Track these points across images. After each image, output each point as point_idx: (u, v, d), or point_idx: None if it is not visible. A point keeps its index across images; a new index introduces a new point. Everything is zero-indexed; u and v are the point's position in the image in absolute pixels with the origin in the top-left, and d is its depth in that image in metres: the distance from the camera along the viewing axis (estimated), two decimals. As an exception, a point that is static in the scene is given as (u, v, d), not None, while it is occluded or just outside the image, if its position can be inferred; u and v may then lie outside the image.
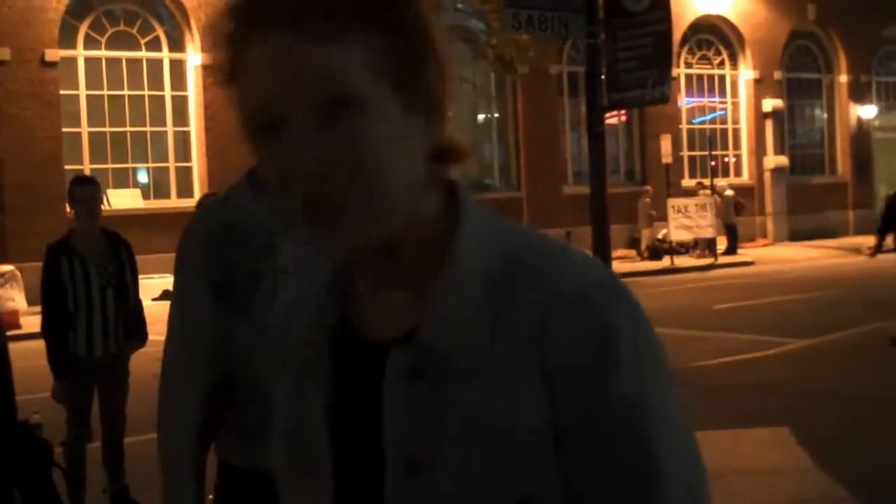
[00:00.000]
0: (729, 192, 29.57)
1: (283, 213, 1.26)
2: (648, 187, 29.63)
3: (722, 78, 34.56)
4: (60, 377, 7.25)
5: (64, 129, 23.10)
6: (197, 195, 22.53)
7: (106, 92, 24.14)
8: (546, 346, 1.21)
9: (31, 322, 18.30)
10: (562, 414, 1.21)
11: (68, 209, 7.80)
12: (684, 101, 33.18)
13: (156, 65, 24.83)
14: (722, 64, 34.52)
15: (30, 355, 11.34)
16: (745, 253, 29.63)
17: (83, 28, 23.90)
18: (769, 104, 34.19)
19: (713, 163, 30.68)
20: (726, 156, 34.36)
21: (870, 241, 31.39)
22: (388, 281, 1.31)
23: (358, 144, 1.18)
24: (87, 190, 7.47)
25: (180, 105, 24.97)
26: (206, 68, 24.52)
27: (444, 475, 1.22)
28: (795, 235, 32.97)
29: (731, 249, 29.09)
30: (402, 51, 1.22)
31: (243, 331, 3.09)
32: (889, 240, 14.67)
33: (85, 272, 7.26)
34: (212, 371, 3.16)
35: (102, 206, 7.64)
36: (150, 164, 24.98)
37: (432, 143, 1.27)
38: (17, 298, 19.92)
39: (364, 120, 1.18)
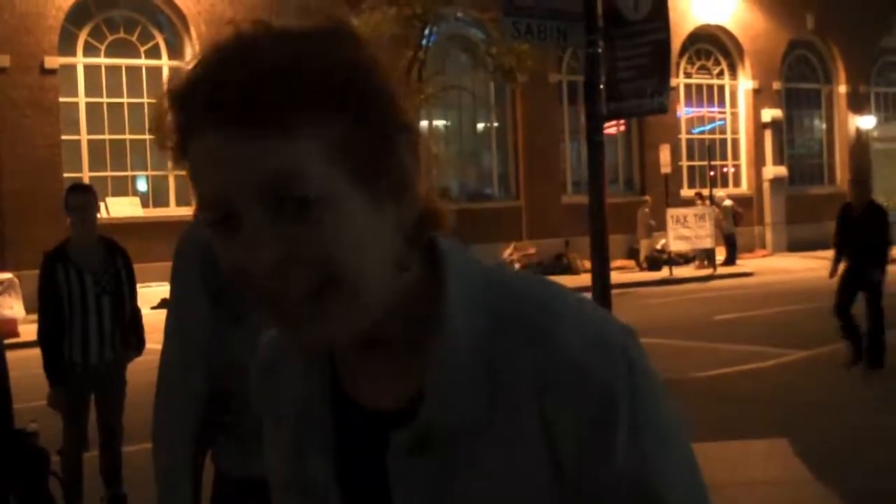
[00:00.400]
0: (727, 203, 29.56)
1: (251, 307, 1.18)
2: (647, 197, 29.64)
3: (721, 88, 34.59)
4: (56, 384, 7.24)
5: (63, 137, 23.11)
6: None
7: (105, 99, 24.15)
8: (546, 411, 1.17)
9: (30, 330, 18.27)
10: (567, 482, 1.18)
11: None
12: (683, 111, 33.21)
13: (155, 72, 24.83)
14: (721, 74, 34.56)
15: (28, 363, 11.32)
16: (744, 264, 29.62)
17: (83, 35, 23.92)
18: (768, 114, 34.23)
19: (712, 173, 30.69)
20: (725, 166, 34.38)
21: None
22: (375, 364, 1.25)
23: (318, 244, 1.10)
24: (81, 198, 7.46)
25: (179, 113, 24.95)
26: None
27: None
28: (794, 246, 32.96)
29: (730, 260, 29.08)
30: (365, 137, 1.13)
31: (240, 339, 3.09)
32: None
33: (81, 280, 7.25)
34: (208, 379, 3.15)
35: (100, 215, 7.63)
36: (150, 172, 24.97)
37: (408, 221, 1.18)
38: (15, 306, 19.90)
39: (324, 218, 1.10)
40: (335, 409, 1.30)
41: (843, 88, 36.76)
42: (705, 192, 28.99)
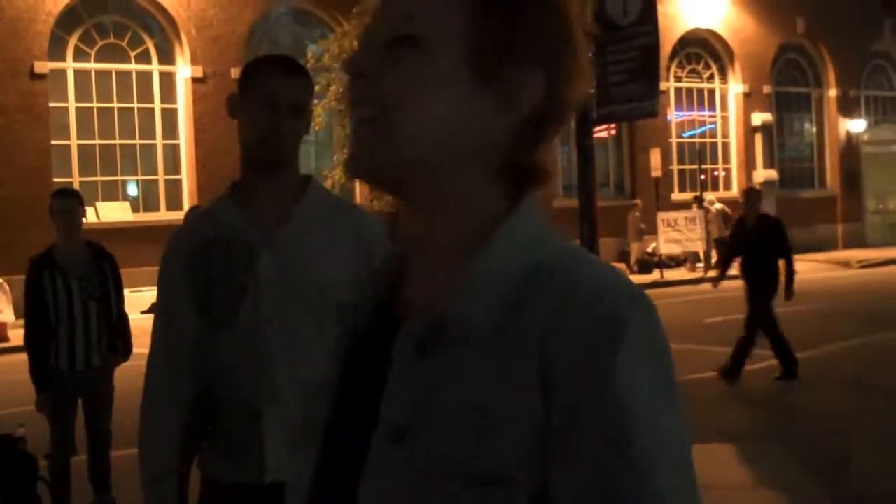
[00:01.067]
0: (718, 206, 29.60)
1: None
2: (638, 201, 29.65)
3: (711, 92, 34.63)
4: (42, 390, 7.23)
5: (53, 142, 23.05)
6: (186, 208, 22.51)
7: (95, 104, 24.10)
8: (550, 338, 1.21)
9: (19, 335, 18.24)
10: (555, 408, 1.20)
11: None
12: (674, 115, 33.24)
13: (145, 77, 24.81)
14: (711, 78, 34.60)
15: (17, 368, 11.30)
16: (735, 266, 29.57)
17: (73, 40, 23.88)
18: (758, 118, 34.27)
19: (703, 176, 30.73)
20: (716, 170, 34.42)
21: (859, 255, 31.55)
22: (430, 258, 1.35)
23: (388, 77, 1.29)
24: (65, 202, 7.45)
25: (170, 118, 24.95)
26: (195, 81, 24.54)
27: (423, 444, 1.25)
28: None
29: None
30: (501, 31, 1.29)
31: (226, 343, 3.09)
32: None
33: (66, 285, 7.24)
34: (194, 384, 3.15)
35: (90, 219, 7.62)
36: (140, 177, 24.93)
37: (502, 137, 1.31)
38: (4, 311, 19.88)
39: (412, 57, 1.28)
40: (378, 324, 1.40)
41: (833, 92, 36.82)
42: (706, 195, 28.99)
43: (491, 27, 1.29)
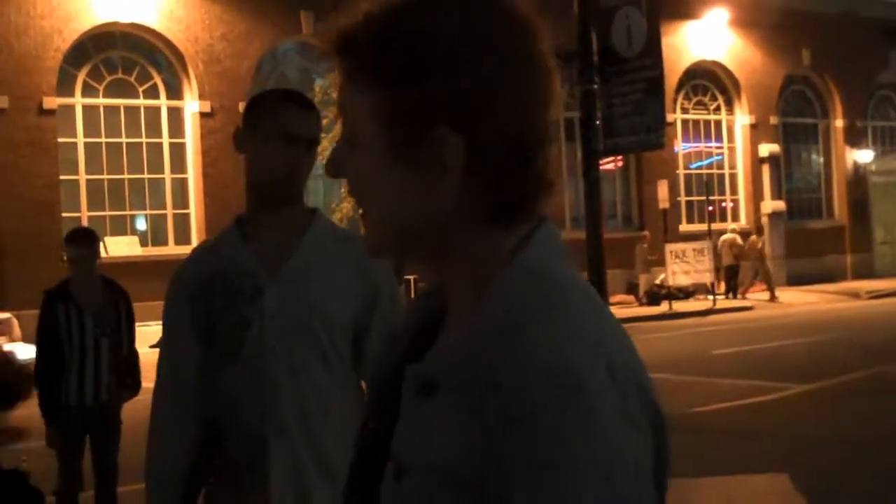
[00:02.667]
0: (727, 236, 29.61)
1: None
2: (646, 233, 29.62)
3: (718, 123, 34.67)
4: (52, 423, 7.22)
5: (61, 177, 23.13)
6: (195, 242, 22.56)
7: (104, 139, 24.20)
8: (493, 402, 1.22)
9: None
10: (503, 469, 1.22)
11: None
12: (681, 147, 33.26)
13: (154, 112, 24.92)
14: (718, 109, 34.64)
15: (24, 403, 11.29)
16: (744, 297, 29.62)
17: (81, 76, 24.00)
18: (766, 149, 34.29)
19: (710, 208, 30.73)
20: (724, 201, 34.41)
21: (868, 285, 31.47)
22: (454, 306, 1.41)
23: (349, 170, 1.40)
24: (79, 251, 7.41)
25: (178, 152, 25.03)
26: (203, 115, 24.63)
27: (416, 483, 1.31)
28: (793, 280, 32.93)
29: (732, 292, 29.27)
30: (408, 109, 1.31)
31: (230, 376, 3.09)
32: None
33: (81, 320, 7.24)
34: (199, 420, 3.14)
35: (100, 258, 7.61)
36: (148, 212, 24.99)
37: (449, 193, 1.33)
38: (13, 346, 19.84)
39: (357, 154, 1.37)
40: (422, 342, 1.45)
41: (840, 123, 36.84)
42: (726, 225, 28.95)
43: (398, 111, 1.32)
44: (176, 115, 25.09)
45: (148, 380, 7.32)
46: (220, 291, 3.09)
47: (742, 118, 34.51)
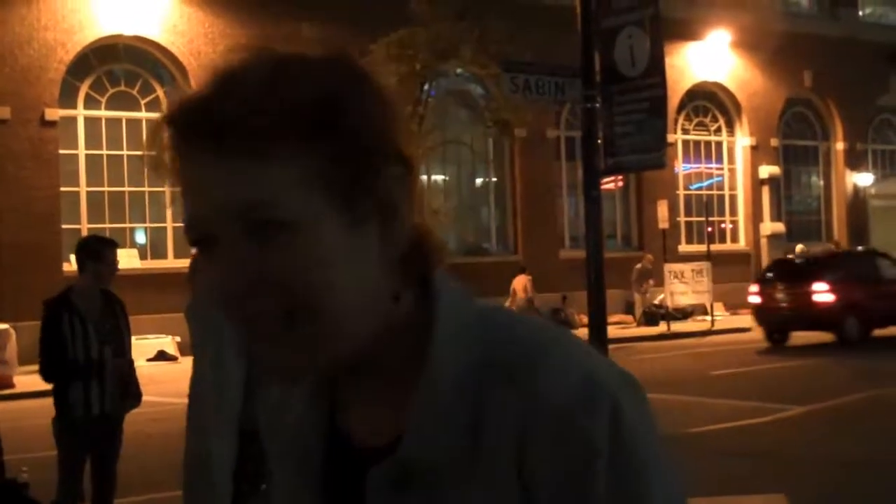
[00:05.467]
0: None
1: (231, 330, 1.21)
2: (650, 256, 29.49)
3: (719, 144, 34.73)
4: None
5: (62, 189, 23.16)
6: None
7: (105, 151, 24.23)
8: (525, 457, 1.14)
9: (25, 381, 18.23)
10: None
11: (72, 265, 7.77)
12: (681, 167, 33.32)
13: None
14: (719, 130, 34.71)
15: (22, 414, 11.30)
16: (742, 319, 29.59)
17: (84, 88, 24.06)
18: (766, 171, 34.34)
19: (710, 229, 30.77)
20: (723, 222, 34.44)
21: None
22: (365, 395, 1.25)
23: (287, 269, 1.13)
24: (114, 253, 7.46)
25: (179, 166, 25.03)
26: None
27: None
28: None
29: None
30: (345, 166, 1.15)
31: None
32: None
33: (84, 329, 7.22)
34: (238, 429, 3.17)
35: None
36: (148, 225, 25.01)
37: (395, 248, 1.19)
38: (10, 358, 19.83)
39: (297, 242, 1.12)
40: (329, 444, 1.29)
41: (840, 146, 36.91)
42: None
43: (334, 169, 1.14)
44: (177, 129, 25.10)
45: (150, 393, 7.34)
46: None
47: (742, 140, 34.57)
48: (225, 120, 1.11)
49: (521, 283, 27.32)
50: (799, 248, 31.30)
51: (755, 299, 23.58)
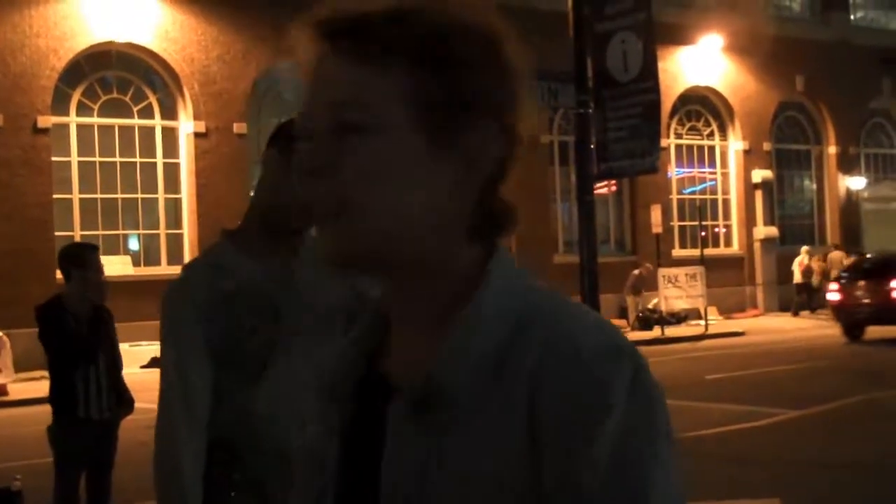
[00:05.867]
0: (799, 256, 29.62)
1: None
2: (648, 265, 29.39)
3: (711, 149, 34.76)
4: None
5: (55, 196, 23.12)
6: (187, 262, 22.53)
7: (98, 158, 24.20)
8: (536, 401, 1.21)
9: (19, 389, 18.22)
10: (545, 472, 1.20)
11: (59, 275, 7.75)
12: (674, 172, 33.34)
13: (148, 132, 24.93)
14: (711, 135, 34.74)
15: (16, 422, 11.27)
16: (736, 323, 29.65)
17: (76, 95, 24.02)
18: (758, 175, 34.37)
19: (703, 233, 30.80)
20: (717, 226, 34.47)
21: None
22: (406, 336, 1.36)
23: (356, 164, 1.26)
24: (97, 257, 7.48)
25: (172, 172, 25.03)
26: (197, 136, 24.64)
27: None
28: (785, 306, 32.98)
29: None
30: (443, 100, 1.28)
31: (258, 394, 3.12)
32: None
33: (80, 335, 7.22)
34: (205, 436, 3.15)
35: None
36: (141, 231, 24.97)
37: (468, 193, 1.32)
38: (5, 366, 19.79)
39: (372, 144, 1.26)
40: (361, 384, 1.40)
41: (833, 149, 36.95)
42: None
43: (439, 97, 1.28)
44: (170, 136, 25.10)
45: (141, 401, 7.32)
46: (241, 311, 3.10)
47: (735, 144, 34.60)
48: (360, 29, 1.27)
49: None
50: (804, 250, 32.00)
51: (834, 297, 25.06)
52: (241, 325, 3.09)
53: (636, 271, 29.14)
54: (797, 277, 32.96)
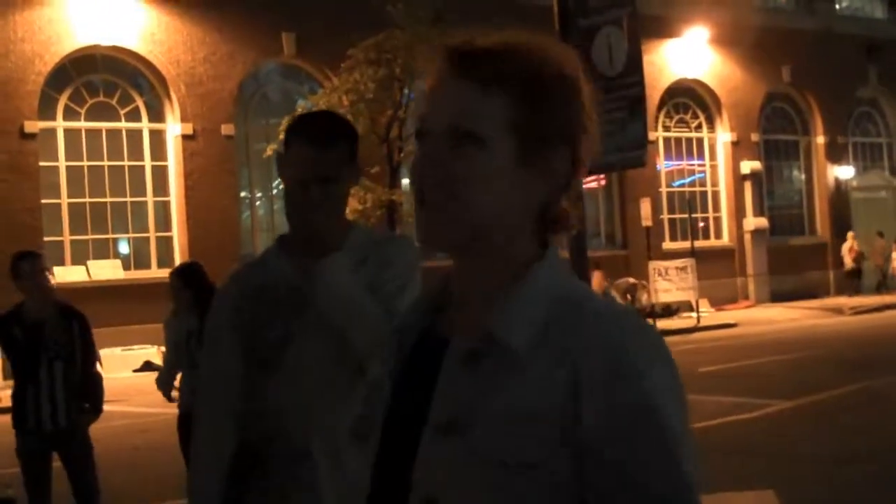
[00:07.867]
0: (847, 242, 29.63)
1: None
2: (632, 279, 29.29)
3: (700, 141, 34.79)
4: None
5: (43, 201, 23.03)
6: (178, 264, 22.48)
7: (86, 163, 24.13)
8: (577, 354, 1.54)
9: (1, 396, 18.15)
10: (587, 409, 1.52)
11: (54, 276, 7.77)
12: (663, 165, 33.36)
13: (136, 135, 24.87)
14: (699, 127, 34.77)
15: (2, 430, 11.20)
16: (727, 315, 29.69)
17: (63, 99, 23.95)
18: (747, 166, 34.41)
19: (701, 224, 30.83)
20: (706, 218, 34.50)
21: (851, 301, 31.56)
22: (472, 293, 1.69)
23: (462, 167, 1.61)
24: (30, 265, 7.43)
25: (160, 175, 24.98)
26: (185, 138, 24.60)
27: (468, 438, 1.56)
28: (776, 296, 33.05)
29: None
30: (536, 127, 1.63)
31: (273, 387, 3.18)
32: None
33: (35, 343, 7.19)
34: (238, 434, 3.22)
35: (82, 278, 7.61)
36: (131, 235, 24.91)
37: (540, 201, 1.67)
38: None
39: (477, 154, 1.61)
40: (424, 345, 1.73)
41: (821, 139, 37.00)
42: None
43: (533, 125, 1.62)
44: (158, 138, 25.05)
45: (137, 404, 7.30)
46: (265, 303, 3.19)
47: (723, 136, 34.64)
48: (482, 59, 1.63)
49: (596, 280, 26.87)
50: (850, 235, 33.83)
51: None
52: (260, 315, 3.18)
53: (632, 280, 29.10)
54: (847, 263, 34.62)
